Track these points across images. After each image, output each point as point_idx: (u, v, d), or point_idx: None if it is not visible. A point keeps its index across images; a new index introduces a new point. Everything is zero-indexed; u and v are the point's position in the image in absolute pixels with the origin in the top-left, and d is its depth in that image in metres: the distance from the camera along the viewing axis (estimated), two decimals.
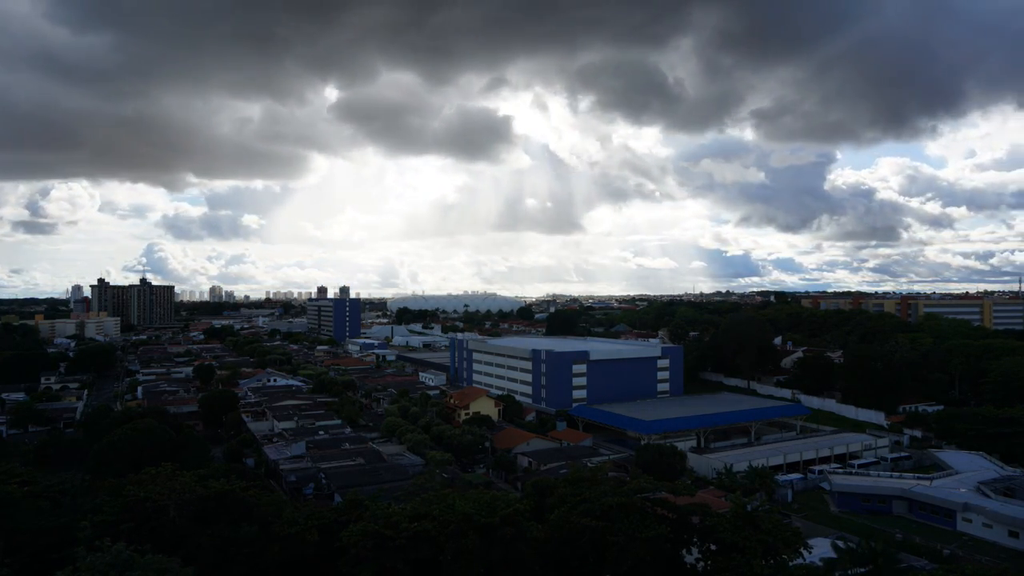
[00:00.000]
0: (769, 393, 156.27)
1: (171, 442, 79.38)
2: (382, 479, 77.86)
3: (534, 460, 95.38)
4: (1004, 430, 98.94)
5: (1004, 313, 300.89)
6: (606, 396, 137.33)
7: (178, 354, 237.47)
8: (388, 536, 42.51)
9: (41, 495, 55.53)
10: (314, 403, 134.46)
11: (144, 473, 53.11)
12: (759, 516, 47.21)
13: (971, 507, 74.55)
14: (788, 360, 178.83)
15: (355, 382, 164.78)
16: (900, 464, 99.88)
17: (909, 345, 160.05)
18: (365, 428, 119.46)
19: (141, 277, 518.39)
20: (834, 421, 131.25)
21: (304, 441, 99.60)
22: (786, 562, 45.55)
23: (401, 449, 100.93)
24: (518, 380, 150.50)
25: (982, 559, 64.97)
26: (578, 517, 46.86)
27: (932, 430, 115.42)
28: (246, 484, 54.88)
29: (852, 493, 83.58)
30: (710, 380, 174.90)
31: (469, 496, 48.42)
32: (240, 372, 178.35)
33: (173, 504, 47.75)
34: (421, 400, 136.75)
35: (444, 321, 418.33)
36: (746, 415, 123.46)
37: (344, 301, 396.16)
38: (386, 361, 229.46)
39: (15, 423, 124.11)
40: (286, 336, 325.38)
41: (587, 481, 53.36)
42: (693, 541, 48.83)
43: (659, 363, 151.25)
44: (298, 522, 47.10)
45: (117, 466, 71.55)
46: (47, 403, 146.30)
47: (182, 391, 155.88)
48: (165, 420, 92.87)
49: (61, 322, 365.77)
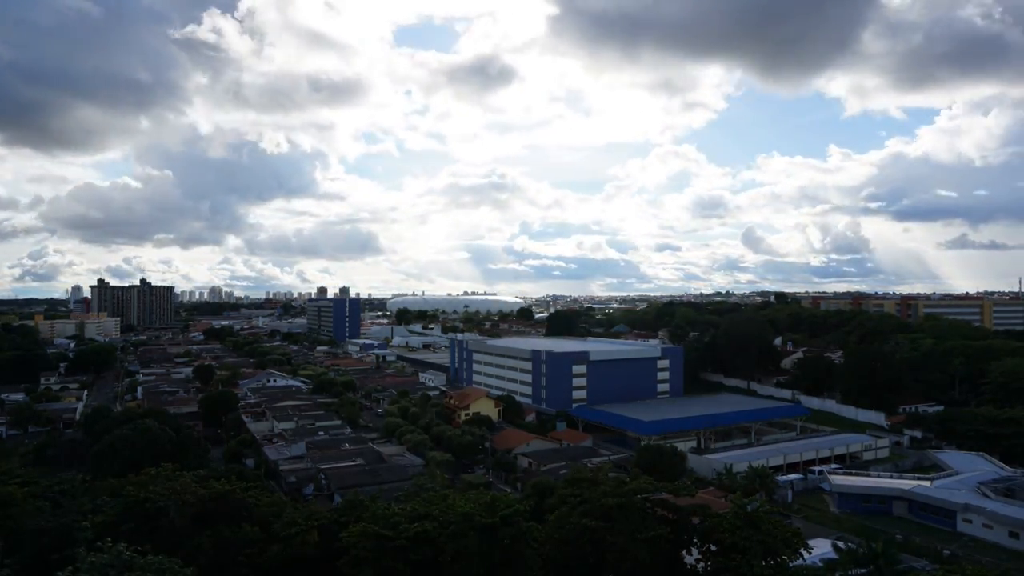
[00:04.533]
0: (769, 393, 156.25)
1: (171, 442, 79.34)
2: (382, 480, 77.89)
3: (534, 461, 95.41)
4: (1004, 430, 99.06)
5: (1004, 313, 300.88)
6: (606, 397, 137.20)
7: (178, 354, 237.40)
8: (388, 536, 42.50)
9: (41, 495, 55.42)
10: (314, 404, 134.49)
11: (144, 473, 53.13)
12: (759, 516, 47.16)
13: (971, 508, 74.53)
14: (788, 360, 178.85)
15: (355, 383, 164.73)
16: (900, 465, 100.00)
17: (909, 345, 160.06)
18: (365, 429, 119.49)
19: (141, 278, 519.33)
20: (834, 422, 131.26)
21: (304, 442, 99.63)
22: (786, 563, 45.55)
23: (401, 450, 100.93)
24: (518, 380, 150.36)
25: (982, 560, 64.81)
26: (578, 517, 46.85)
27: (932, 430, 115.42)
28: (246, 485, 54.89)
29: (852, 494, 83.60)
30: (710, 380, 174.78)
31: (469, 496, 48.45)
32: (240, 373, 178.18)
33: (173, 504, 47.74)
34: (421, 401, 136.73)
35: (444, 321, 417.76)
36: (746, 416, 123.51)
37: (344, 301, 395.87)
38: (386, 361, 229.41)
39: (15, 423, 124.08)
40: (286, 336, 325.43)
41: (587, 482, 53.32)
42: (693, 542, 48.82)
43: (659, 363, 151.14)
44: (298, 522, 47.08)
45: (117, 466, 71.62)
46: (47, 403, 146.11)
47: (182, 391, 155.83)
48: (165, 421, 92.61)
49: (61, 322, 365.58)
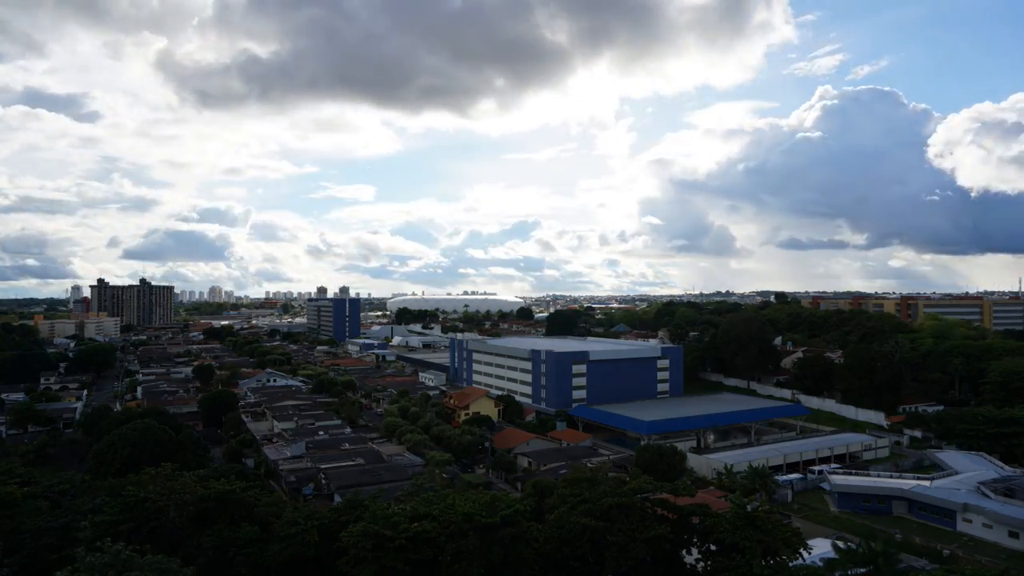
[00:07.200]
0: (769, 393, 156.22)
1: (171, 442, 79.29)
2: (382, 479, 77.81)
3: (534, 460, 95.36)
4: (1004, 430, 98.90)
5: (1004, 313, 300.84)
6: (606, 396, 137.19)
7: (178, 354, 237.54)
8: (388, 536, 42.51)
9: (41, 495, 55.63)
10: (314, 403, 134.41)
11: (144, 473, 53.23)
12: (759, 516, 47.20)
13: (971, 507, 74.49)
14: (788, 360, 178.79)
15: (355, 382, 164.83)
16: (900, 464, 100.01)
17: (909, 345, 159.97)
18: (365, 428, 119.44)
19: (141, 278, 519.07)
20: (834, 421, 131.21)
21: (304, 441, 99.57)
22: (786, 562, 45.60)
23: (401, 449, 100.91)
24: (518, 380, 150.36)
25: (982, 559, 64.87)
26: (578, 517, 46.85)
27: (932, 430, 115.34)
28: (246, 484, 54.95)
29: (852, 493, 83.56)
30: (710, 380, 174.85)
31: (469, 496, 48.47)
32: (240, 372, 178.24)
33: (173, 504, 47.77)
34: (421, 400, 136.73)
35: (444, 321, 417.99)
36: (746, 415, 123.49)
37: (344, 301, 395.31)
38: (386, 361, 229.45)
39: (15, 423, 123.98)
40: (286, 336, 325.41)
41: (587, 481, 53.39)
42: (693, 541, 48.83)
43: (659, 363, 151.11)
44: (298, 522, 47.10)
45: (117, 466, 71.70)
46: (47, 403, 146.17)
47: (182, 391, 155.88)
48: (165, 420, 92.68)
49: (61, 322, 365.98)
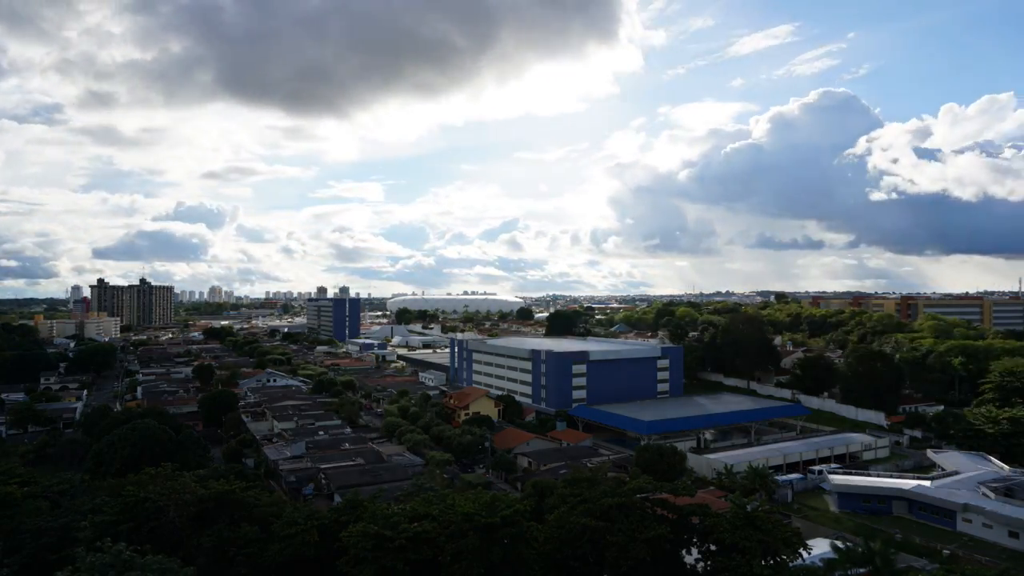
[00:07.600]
0: (769, 393, 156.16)
1: (171, 442, 79.31)
2: (382, 479, 77.85)
3: (534, 460, 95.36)
4: (1004, 430, 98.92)
5: (1004, 313, 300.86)
6: (606, 396, 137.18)
7: (177, 354, 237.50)
8: (388, 536, 42.50)
9: (41, 495, 55.59)
10: (314, 403, 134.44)
11: (144, 473, 53.24)
12: (759, 516, 47.17)
13: (971, 507, 74.45)
14: (788, 360, 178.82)
15: (355, 382, 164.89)
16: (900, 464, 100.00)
17: (909, 345, 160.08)
18: (365, 428, 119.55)
19: (141, 278, 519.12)
20: (834, 421, 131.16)
21: (304, 441, 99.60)
22: (786, 562, 45.58)
23: (401, 449, 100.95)
24: (518, 380, 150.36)
25: (982, 559, 64.87)
26: (578, 517, 46.84)
27: (932, 430, 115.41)
28: (246, 484, 54.97)
29: (852, 493, 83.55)
30: (710, 380, 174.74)
31: (469, 496, 48.44)
32: (240, 372, 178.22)
33: (173, 504, 47.79)
34: (421, 400, 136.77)
35: (444, 321, 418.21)
36: (746, 415, 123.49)
37: (344, 301, 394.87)
38: (386, 361, 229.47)
39: (15, 423, 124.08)
40: (286, 336, 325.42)
41: (587, 481, 53.41)
42: (693, 541, 48.80)
43: (659, 363, 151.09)
44: (298, 522, 47.08)
45: (117, 466, 71.70)
46: (47, 403, 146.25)
47: (182, 391, 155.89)
48: (165, 420, 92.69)
49: (61, 322, 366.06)
